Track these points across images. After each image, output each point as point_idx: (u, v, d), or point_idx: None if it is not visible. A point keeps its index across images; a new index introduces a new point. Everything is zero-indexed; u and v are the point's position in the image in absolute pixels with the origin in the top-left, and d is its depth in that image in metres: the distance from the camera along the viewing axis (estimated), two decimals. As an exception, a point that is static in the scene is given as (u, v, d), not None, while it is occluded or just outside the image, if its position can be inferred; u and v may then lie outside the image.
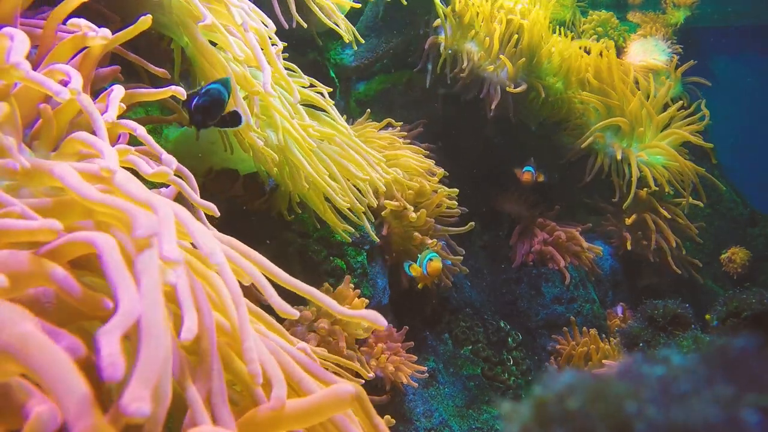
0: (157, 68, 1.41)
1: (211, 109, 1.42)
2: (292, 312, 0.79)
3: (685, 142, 3.18)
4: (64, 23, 1.08)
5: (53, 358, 0.49)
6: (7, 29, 0.85)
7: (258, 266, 0.84)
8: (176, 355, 0.69)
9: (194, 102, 1.40)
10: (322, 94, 1.95)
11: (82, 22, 1.00)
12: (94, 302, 0.60)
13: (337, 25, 2.12)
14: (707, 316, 2.46)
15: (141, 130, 0.95)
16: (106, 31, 1.02)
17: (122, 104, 0.99)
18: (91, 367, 0.62)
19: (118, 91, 0.98)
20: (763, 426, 0.30)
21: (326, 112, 2.02)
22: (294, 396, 0.80)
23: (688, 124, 3.17)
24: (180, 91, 1.13)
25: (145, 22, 1.13)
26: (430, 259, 2.22)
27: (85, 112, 0.88)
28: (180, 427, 0.69)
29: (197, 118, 1.42)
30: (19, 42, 0.82)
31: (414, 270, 2.25)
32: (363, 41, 2.48)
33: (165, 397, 0.59)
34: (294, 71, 1.88)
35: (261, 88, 1.44)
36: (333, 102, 1.98)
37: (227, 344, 0.79)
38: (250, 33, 1.41)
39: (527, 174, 2.88)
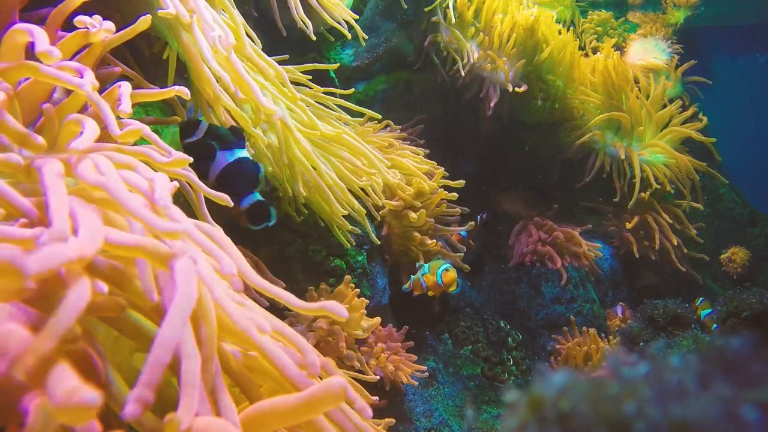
0: (153, 87, 1.40)
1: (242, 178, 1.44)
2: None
3: (686, 141, 3.18)
4: (65, 23, 1.08)
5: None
6: (22, 25, 0.85)
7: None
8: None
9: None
10: (333, 93, 1.97)
11: (87, 19, 1.00)
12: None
13: (341, 24, 2.12)
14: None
15: (146, 129, 0.95)
16: (109, 24, 1.02)
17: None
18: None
19: (126, 86, 0.98)
20: (762, 423, 0.30)
21: (332, 109, 2.02)
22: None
23: (683, 122, 3.17)
24: (184, 91, 1.12)
25: (144, 22, 1.12)
26: (446, 269, 2.21)
27: (94, 105, 0.88)
28: None
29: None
30: (40, 34, 0.82)
31: (428, 279, 2.24)
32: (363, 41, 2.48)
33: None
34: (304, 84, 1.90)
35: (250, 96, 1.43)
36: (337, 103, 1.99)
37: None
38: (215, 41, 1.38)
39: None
